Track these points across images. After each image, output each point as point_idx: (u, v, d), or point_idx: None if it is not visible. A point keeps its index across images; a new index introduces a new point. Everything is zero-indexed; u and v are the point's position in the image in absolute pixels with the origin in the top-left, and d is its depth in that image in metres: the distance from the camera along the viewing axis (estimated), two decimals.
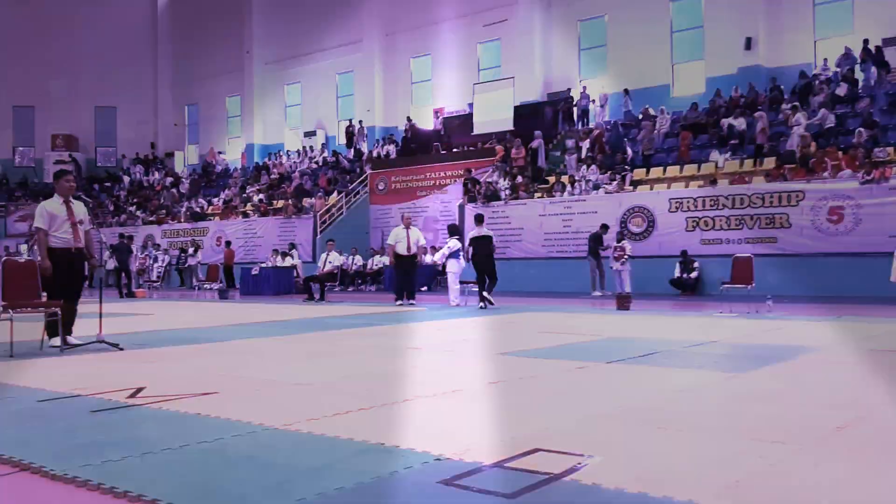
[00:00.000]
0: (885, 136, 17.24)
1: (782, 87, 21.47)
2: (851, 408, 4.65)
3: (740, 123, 19.87)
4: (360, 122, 31.35)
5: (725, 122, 20.28)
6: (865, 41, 20.79)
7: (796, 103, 19.56)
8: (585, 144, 22.10)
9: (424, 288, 19.02)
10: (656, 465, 3.37)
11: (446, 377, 6.06)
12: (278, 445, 3.84)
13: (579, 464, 3.37)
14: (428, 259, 19.07)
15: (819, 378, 5.81)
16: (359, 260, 22.39)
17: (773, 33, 22.96)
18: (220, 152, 36.80)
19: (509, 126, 25.31)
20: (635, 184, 19.53)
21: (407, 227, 15.51)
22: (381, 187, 25.54)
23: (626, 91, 24.79)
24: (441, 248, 15.72)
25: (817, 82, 20.73)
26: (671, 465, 3.38)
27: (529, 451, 3.59)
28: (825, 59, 21.66)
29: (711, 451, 3.65)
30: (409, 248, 15.27)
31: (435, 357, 7.31)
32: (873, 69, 20.09)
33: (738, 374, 6.00)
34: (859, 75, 20.39)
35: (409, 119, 29.51)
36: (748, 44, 22.92)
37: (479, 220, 15.02)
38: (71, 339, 7.92)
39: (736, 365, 6.55)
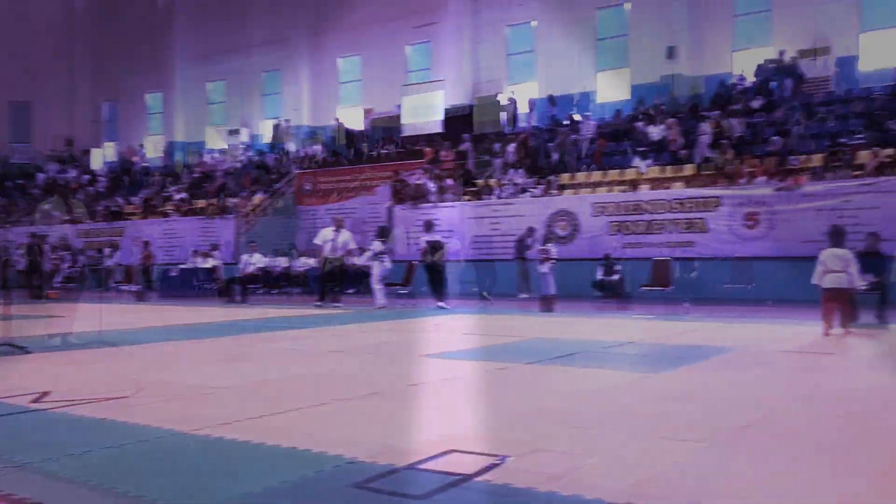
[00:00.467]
0: (799, 145, 17.88)
1: (702, 95, 22.07)
2: (758, 407, 4.81)
3: (660, 131, 20.33)
4: (288, 120, 30.90)
5: (647, 128, 20.72)
6: (782, 52, 21.55)
7: (715, 112, 20.13)
8: (512, 148, 22.28)
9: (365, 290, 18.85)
10: (568, 465, 3.41)
11: (366, 380, 6.01)
12: (187, 451, 3.75)
13: (493, 464, 3.38)
14: (355, 261, 18.89)
15: (730, 378, 5.98)
16: (283, 261, 22.03)
17: (695, 43, 23.55)
18: (140, 146, 35.71)
19: (438, 129, 25.32)
20: (561, 188, 19.79)
21: (337, 229, 15.34)
22: (309, 188, 25.23)
23: (551, 97, 25.09)
24: (367, 250, 15.61)
25: (735, 92, 21.38)
26: (582, 465, 3.42)
27: (444, 452, 3.59)
28: (743, 70, 22.34)
29: (622, 449, 3.71)
30: (335, 250, 15.12)
31: (356, 360, 7.24)
32: (789, 80, 20.83)
33: (652, 374, 6.13)
34: (775, 85, 21.08)
35: (337, 119, 29.23)
36: (670, 53, 23.48)
37: (429, 227, 15.34)
38: None
39: (651, 365, 6.69)
